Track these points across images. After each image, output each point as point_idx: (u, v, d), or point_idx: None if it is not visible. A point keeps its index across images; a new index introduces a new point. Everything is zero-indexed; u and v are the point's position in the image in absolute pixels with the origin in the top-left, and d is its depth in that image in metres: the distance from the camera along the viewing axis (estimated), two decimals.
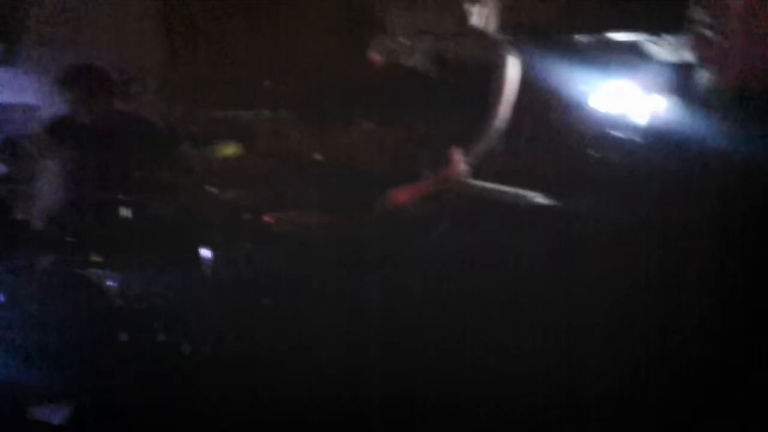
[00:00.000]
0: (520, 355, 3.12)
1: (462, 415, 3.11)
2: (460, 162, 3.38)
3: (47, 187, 4.01)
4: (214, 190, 3.90)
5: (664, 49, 4.09)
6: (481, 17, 3.59)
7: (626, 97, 3.94)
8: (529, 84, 3.68)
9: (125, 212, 3.73)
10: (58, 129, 4.12)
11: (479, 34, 3.61)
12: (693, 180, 2.16)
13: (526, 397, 2.91)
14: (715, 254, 2.00)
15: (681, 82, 3.43)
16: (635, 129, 3.72)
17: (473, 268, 3.53)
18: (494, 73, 3.56)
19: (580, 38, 4.21)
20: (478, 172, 3.59)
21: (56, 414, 3.27)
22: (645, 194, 2.84)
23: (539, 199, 3.35)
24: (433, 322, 3.45)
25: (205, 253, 3.84)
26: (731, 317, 1.96)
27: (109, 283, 3.74)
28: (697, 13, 2.06)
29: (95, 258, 3.74)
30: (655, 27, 4.02)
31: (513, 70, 3.57)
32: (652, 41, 4.12)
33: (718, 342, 1.97)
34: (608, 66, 4.09)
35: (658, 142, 2.84)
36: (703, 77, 2.19)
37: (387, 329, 3.42)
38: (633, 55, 4.19)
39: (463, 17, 3.59)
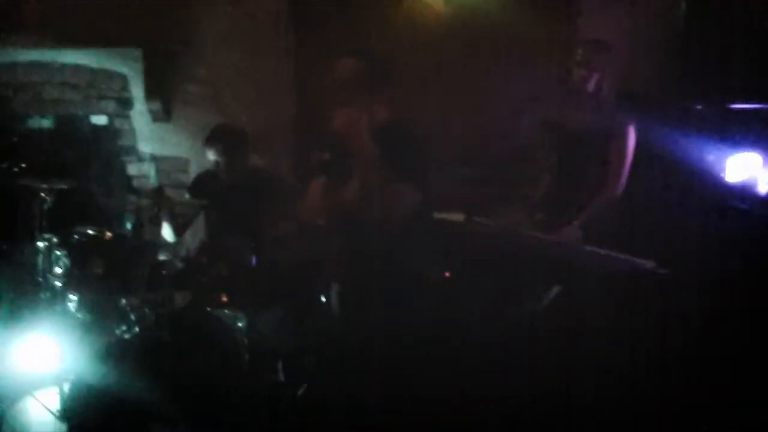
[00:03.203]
0: None
1: None
2: None
3: (188, 231, 4.46)
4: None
5: None
6: (601, 85, 3.69)
7: (749, 168, 3.88)
8: (647, 152, 3.71)
9: (252, 258, 4.01)
10: (202, 180, 4.61)
11: (596, 101, 3.70)
12: None
13: None
14: None
15: None
16: (757, 201, 3.66)
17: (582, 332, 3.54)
18: (614, 142, 3.65)
19: (702, 107, 4.19)
20: (590, 237, 3.63)
21: None
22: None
23: (650, 266, 3.31)
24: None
25: (324, 299, 4.06)
26: None
27: (237, 322, 3.98)
28: None
29: (226, 299, 4.02)
30: None
31: (632, 140, 3.65)
32: None
33: None
34: (731, 136, 4.05)
35: None
36: None
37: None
38: (758, 125, 4.12)
39: (580, 84, 3.71)
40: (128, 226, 4.75)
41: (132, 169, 5.47)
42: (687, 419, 3.41)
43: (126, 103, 5.42)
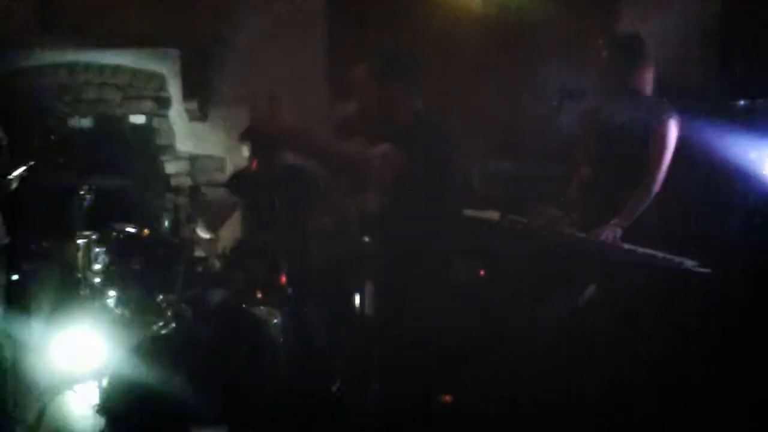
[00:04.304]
0: None
1: None
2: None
3: (224, 229, 4.50)
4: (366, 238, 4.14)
5: None
6: (641, 79, 3.63)
7: None
8: (688, 148, 3.63)
9: (287, 255, 4.02)
10: (237, 177, 4.64)
11: (639, 97, 3.64)
12: None
13: None
14: None
15: None
16: None
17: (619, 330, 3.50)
18: (654, 137, 3.59)
19: (746, 103, 4.12)
20: (628, 235, 3.59)
21: None
22: None
23: (690, 265, 3.27)
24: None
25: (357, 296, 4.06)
26: None
27: (273, 320, 4.01)
28: None
29: (261, 296, 4.04)
30: None
31: (674, 135, 3.58)
32: None
33: None
34: None
35: None
36: None
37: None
38: None
39: (620, 79, 3.65)
40: (166, 223, 4.79)
41: (170, 168, 5.52)
42: (725, 415, 3.35)
43: (164, 103, 5.49)
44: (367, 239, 3.96)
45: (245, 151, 4.36)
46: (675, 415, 3.40)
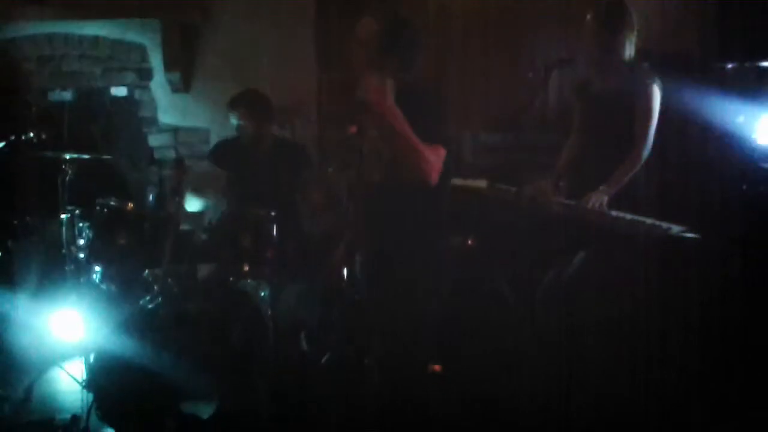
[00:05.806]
0: None
1: None
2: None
3: (211, 201, 4.46)
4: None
5: None
6: (624, 46, 3.58)
7: None
8: (674, 114, 3.59)
9: (274, 228, 3.97)
10: (223, 148, 4.58)
11: (622, 63, 3.60)
12: None
13: None
14: None
15: None
16: None
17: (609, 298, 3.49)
18: (638, 103, 3.55)
19: (734, 66, 4.08)
20: (616, 201, 3.58)
21: (203, 410, 3.53)
22: None
23: (677, 230, 3.25)
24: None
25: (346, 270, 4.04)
26: None
27: (260, 293, 3.99)
28: None
29: (248, 269, 4.00)
30: None
31: (657, 99, 3.54)
32: None
33: None
34: (763, 96, 3.94)
35: None
36: None
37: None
38: None
39: (603, 46, 3.61)
40: (150, 197, 4.74)
41: (153, 141, 5.46)
42: (713, 383, 3.37)
43: (145, 75, 5.41)
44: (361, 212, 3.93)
45: (233, 118, 4.29)
46: (664, 383, 3.41)
